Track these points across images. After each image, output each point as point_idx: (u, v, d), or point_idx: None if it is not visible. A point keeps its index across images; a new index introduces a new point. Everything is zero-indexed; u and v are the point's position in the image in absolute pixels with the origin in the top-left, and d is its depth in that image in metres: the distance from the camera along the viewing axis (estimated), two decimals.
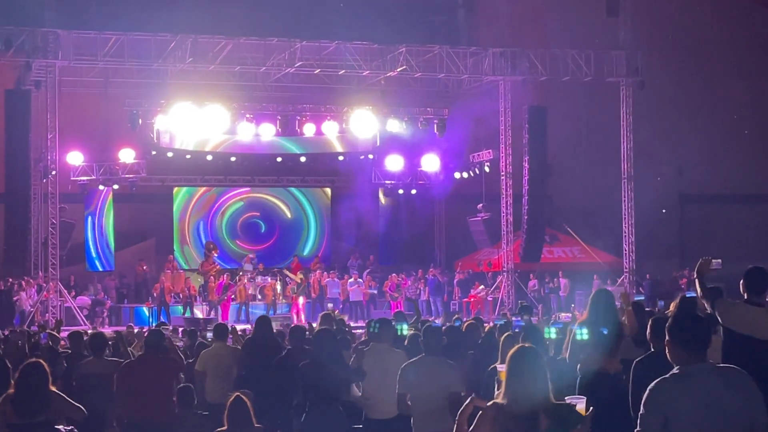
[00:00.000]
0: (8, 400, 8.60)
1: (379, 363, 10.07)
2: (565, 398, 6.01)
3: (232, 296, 32.55)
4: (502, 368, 6.32)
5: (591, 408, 5.92)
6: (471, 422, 6.00)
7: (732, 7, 41.94)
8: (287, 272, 33.86)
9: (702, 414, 5.53)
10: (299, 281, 32.74)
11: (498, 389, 6.12)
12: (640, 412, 5.64)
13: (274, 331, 14.03)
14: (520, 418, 5.76)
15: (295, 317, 30.92)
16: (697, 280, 8.86)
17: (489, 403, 5.98)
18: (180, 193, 37.25)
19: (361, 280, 34.04)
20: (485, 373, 9.63)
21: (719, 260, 9.02)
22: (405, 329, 10.04)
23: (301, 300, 32.32)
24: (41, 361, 9.06)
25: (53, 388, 8.83)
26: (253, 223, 38.04)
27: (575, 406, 5.89)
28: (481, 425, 5.90)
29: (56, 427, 8.81)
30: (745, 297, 8.69)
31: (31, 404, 8.54)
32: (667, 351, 5.88)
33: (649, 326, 8.57)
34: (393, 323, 11.04)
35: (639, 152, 34.73)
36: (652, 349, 8.44)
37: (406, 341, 11.60)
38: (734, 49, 40.09)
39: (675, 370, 5.72)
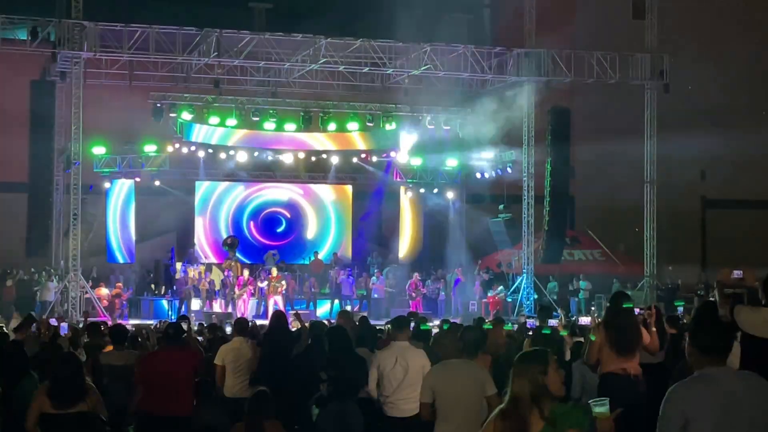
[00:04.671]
0: (45, 392, 8.67)
1: (400, 361, 10.02)
2: (590, 401, 5.98)
3: (252, 291, 32.59)
4: None
5: (618, 410, 5.87)
6: None
7: (758, 11, 41.75)
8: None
9: (722, 417, 5.51)
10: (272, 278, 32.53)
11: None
12: (660, 414, 5.61)
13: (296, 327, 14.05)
14: (519, 419, 5.74)
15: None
16: (716, 291, 8.83)
17: (494, 412, 5.96)
18: (202, 187, 37.29)
19: (383, 277, 34.02)
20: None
21: (740, 270, 9.00)
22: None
23: (278, 297, 32.05)
24: (74, 352, 9.10)
25: (89, 381, 8.88)
26: (274, 219, 38.03)
27: (582, 408, 5.84)
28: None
29: (99, 416, 8.85)
30: (763, 302, 8.67)
31: (67, 394, 8.57)
32: (687, 355, 5.86)
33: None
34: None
35: (662, 156, 34.57)
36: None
37: (431, 341, 11.63)
38: (760, 53, 39.92)
39: (695, 374, 5.70)
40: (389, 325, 11.86)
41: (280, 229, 37.99)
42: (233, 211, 37.49)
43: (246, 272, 33.25)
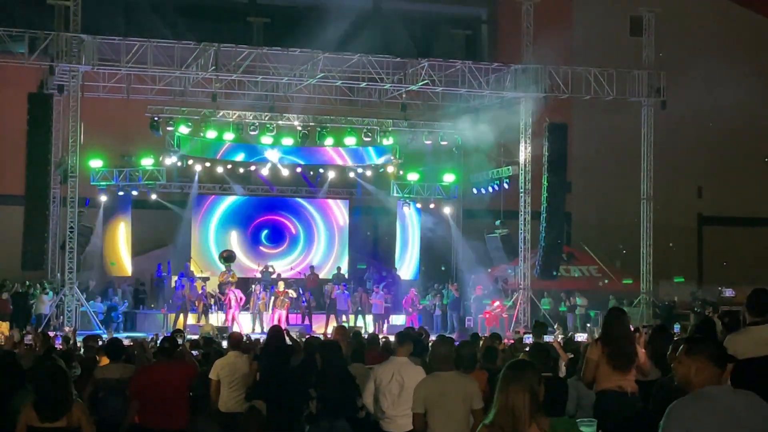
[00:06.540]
0: (32, 405, 8.67)
1: (396, 377, 9.97)
2: (577, 420, 5.96)
3: (247, 306, 32.55)
4: None
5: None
6: None
7: (756, 30, 41.88)
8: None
9: None
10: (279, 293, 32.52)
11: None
12: (660, 431, 5.60)
13: (290, 342, 14.02)
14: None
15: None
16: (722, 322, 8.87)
17: (479, 427, 5.93)
18: (198, 201, 37.21)
19: (382, 292, 33.98)
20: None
21: (730, 289, 9.12)
22: None
23: (283, 312, 31.99)
24: (60, 364, 9.05)
25: (76, 396, 8.85)
26: (271, 234, 37.95)
27: (577, 425, 5.83)
28: None
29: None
30: (747, 321, 8.69)
31: (51, 407, 8.54)
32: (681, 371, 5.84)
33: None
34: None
35: (659, 172, 34.58)
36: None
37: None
38: (757, 71, 39.98)
39: (695, 391, 5.68)
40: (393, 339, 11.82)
41: (275, 243, 37.90)
42: (229, 225, 37.39)
43: (240, 287, 33.20)
